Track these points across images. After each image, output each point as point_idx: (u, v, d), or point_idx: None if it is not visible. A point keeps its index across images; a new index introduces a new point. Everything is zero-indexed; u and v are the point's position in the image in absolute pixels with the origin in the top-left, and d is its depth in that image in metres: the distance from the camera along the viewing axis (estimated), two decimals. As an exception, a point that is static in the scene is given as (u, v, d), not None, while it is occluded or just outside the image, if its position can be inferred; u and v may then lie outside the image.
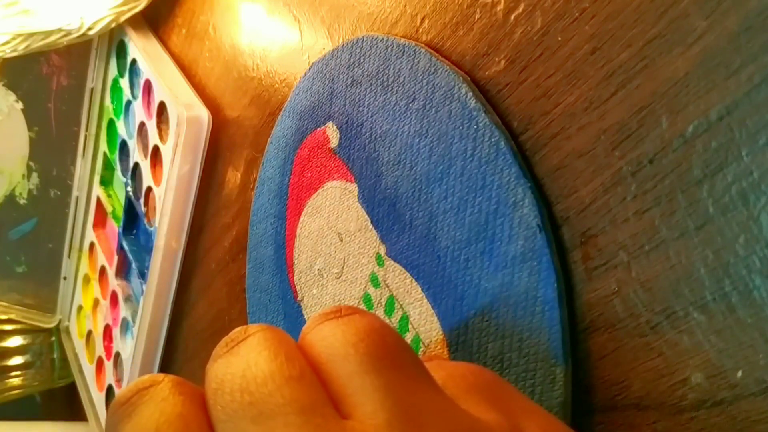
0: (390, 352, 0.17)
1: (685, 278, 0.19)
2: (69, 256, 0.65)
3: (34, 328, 0.69)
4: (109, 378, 0.59)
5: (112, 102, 0.56)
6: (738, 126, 0.18)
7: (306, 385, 0.16)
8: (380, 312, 0.29)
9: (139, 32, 0.51)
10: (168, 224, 0.45)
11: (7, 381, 0.70)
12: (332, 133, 0.32)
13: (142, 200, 0.50)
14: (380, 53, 0.28)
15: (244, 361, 0.16)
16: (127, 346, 0.55)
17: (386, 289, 0.29)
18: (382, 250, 0.29)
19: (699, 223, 0.19)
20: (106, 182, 0.59)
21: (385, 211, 0.28)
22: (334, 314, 0.18)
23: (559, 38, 0.22)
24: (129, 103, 0.52)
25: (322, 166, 0.32)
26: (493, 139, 0.24)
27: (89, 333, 0.64)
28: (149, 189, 0.49)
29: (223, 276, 0.44)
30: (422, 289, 0.27)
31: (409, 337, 0.27)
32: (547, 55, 0.23)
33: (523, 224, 0.23)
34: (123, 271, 0.56)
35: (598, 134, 0.21)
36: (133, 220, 0.54)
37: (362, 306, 0.30)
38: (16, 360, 0.71)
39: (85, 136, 0.59)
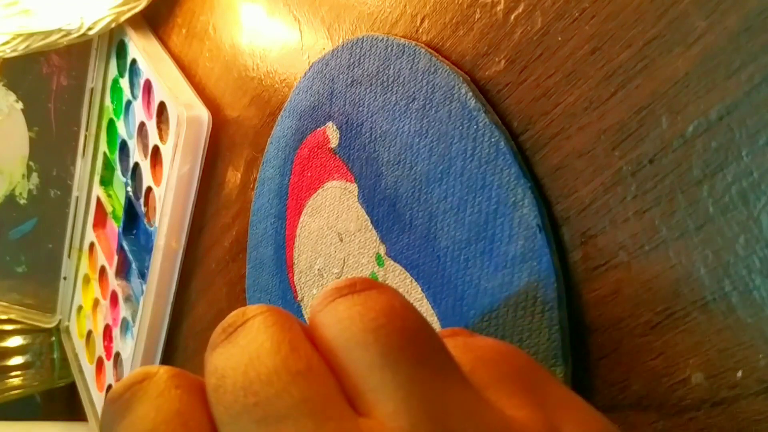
0: (413, 340, 0.15)
1: (685, 278, 0.19)
2: (69, 256, 0.65)
3: (34, 328, 0.69)
4: (109, 378, 0.59)
5: (112, 102, 0.56)
6: (738, 126, 0.18)
7: (315, 380, 0.14)
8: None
9: (139, 32, 0.51)
10: (168, 224, 0.45)
11: (7, 381, 0.70)
12: (332, 133, 0.32)
13: (142, 200, 0.50)
14: (380, 53, 0.28)
15: (245, 353, 0.15)
16: (127, 346, 0.55)
17: (386, 289, 0.29)
18: (382, 250, 0.29)
19: (699, 223, 0.19)
20: (106, 182, 0.59)
21: (385, 211, 0.28)
22: (349, 289, 0.16)
23: (559, 38, 0.22)
24: (129, 103, 0.52)
25: (322, 166, 0.32)
26: (493, 139, 0.24)
27: (89, 333, 0.64)
28: (149, 189, 0.49)
29: (223, 276, 0.44)
30: (422, 289, 0.27)
31: (409, 337, 0.27)
32: (547, 55, 0.23)
33: (523, 224, 0.23)
34: (123, 271, 0.56)
35: (598, 134, 0.21)
36: (133, 220, 0.54)
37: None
38: (16, 360, 0.71)
39: (85, 136, 0.59)
